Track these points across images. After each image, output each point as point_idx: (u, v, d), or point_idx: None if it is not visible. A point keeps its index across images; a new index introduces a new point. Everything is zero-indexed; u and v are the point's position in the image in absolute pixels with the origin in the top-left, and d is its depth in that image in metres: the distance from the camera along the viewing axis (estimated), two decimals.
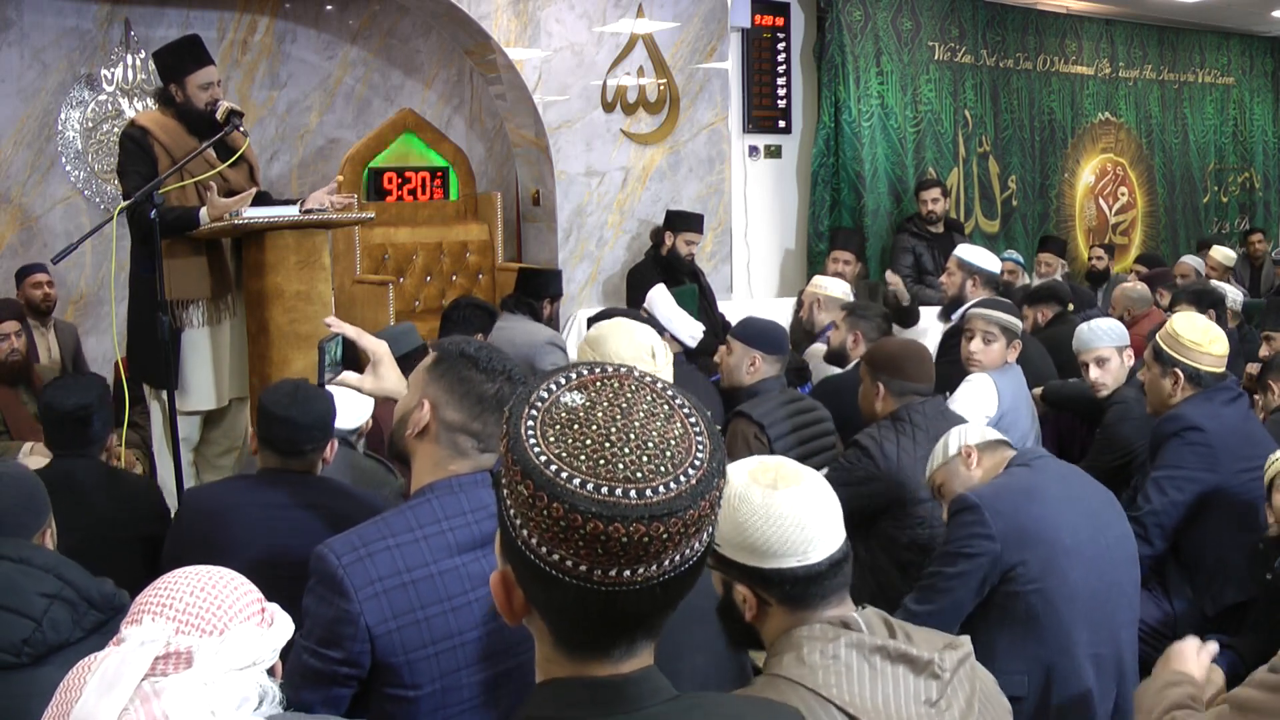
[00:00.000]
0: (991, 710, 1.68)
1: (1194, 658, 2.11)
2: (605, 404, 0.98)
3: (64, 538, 2.39)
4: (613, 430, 0.97)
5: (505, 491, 0.99)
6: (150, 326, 3.82)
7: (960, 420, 3.47)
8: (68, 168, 5.97)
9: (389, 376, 2.18)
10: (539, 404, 0.99)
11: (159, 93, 4.17)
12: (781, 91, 7.42)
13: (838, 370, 4.51)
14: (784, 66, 7.40)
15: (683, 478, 0.96)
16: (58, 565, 2.00)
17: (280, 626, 1.47)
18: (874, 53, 7.65)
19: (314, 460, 2.68)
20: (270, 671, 1.45)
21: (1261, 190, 10.90)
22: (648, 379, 1.02)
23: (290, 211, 4.00)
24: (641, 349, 2.49)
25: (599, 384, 1.00)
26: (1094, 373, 4.07)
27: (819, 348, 5.01)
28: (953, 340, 4.65)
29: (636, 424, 0.97)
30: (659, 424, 0.98)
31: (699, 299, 6.18)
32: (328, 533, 1.96)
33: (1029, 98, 8.84)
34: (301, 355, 3.84)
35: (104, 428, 3.16)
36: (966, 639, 1.69)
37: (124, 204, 3.76)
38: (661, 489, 0.94)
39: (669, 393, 1.02)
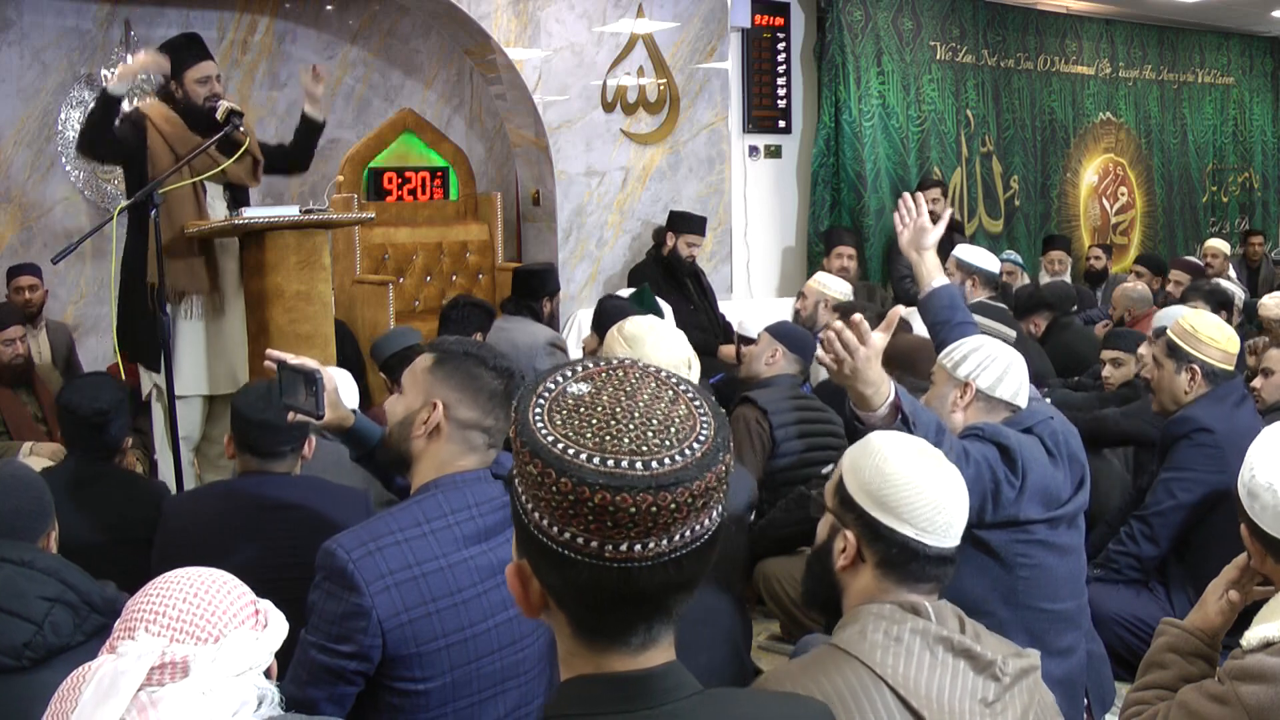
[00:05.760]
0: None
1: (1214, 600, 2.03)
2: (610, 390, 1.00)
3: (75, 539, 2.37)
4: (618, 410, 0.98)
5: (516, 478, 1.00)
6: (139, 300, 3.93)
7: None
8: (68, 168, 5.96)
9: (340, 405, 2.25)
10: (546, 394, 1.01)
11: (159, 90, 4.20)
12: (781, 91, 7.41)
13: None
14: (784, 66, 7.39)
15: (688, 451, 0.97)
16: (60, 569, 1.99)
17: (275, 627, 1.46)
18: (874, 53, 7.65)
19: (293, 461, 2.66)
20: (266, 673, 1.44)
21: (1261, 190, 10.89)
22: (651, 369, 1.04)
23: (290, 211, 4.01)
24: (679, 359, 2.51)
25: (604, 375, 1.02)
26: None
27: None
28: None
29: (641, 405, 0.99)
30: (663, 406, 1.00)
31: (692, 302, 6.18)
32: (316, 531, 1.96)
33: (1030, 98, 8.84)
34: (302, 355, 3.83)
35: (121, 431, 3.15)
36: (1036, 653, 1.69)
37: (123, 204, 3.79)
38: (667, 461, 0.95)
39: (673, 380, 1.04)
